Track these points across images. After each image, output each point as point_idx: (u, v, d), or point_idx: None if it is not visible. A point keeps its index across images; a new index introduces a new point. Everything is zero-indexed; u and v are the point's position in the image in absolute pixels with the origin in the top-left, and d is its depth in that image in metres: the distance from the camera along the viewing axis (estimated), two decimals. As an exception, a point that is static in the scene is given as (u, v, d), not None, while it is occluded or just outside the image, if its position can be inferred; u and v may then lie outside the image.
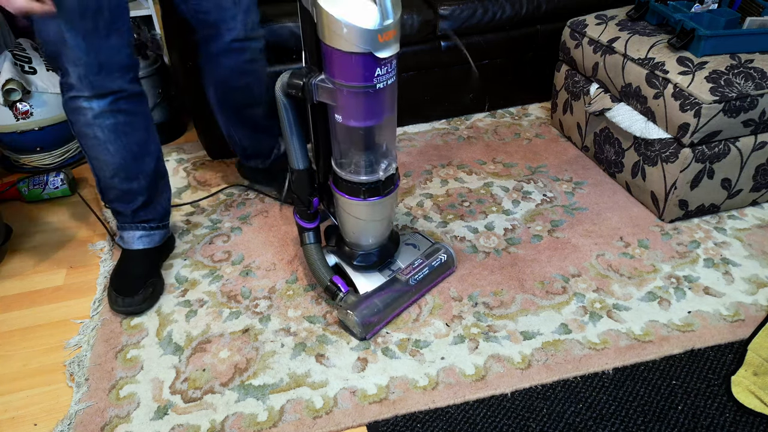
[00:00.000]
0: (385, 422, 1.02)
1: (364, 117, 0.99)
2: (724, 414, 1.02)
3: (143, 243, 1.30)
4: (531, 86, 1.98)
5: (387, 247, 1.25)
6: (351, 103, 0.97)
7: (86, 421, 1.03)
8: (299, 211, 1.22)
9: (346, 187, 1.10)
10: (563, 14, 1.77)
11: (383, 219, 1.16)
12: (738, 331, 1.17)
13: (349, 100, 0.97)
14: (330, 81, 0.96)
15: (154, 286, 1.28)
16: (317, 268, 1.22)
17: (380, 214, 1.14)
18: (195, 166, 1.74)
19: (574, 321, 1.20)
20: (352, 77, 0.93)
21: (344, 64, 0.92)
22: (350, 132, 1.03)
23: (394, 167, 1.10)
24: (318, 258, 1.23)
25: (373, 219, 1.15)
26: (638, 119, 1.45)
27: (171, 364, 1.13)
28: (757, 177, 1.44)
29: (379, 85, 0.95)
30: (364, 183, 1.09)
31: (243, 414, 1.04)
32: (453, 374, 1.10)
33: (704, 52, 1.36)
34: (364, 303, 1.16)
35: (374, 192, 1.10)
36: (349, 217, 1.15)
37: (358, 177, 1.08)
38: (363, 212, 1.13)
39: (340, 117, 1.00)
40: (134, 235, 1.29)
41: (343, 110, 0.99)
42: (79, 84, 1.09)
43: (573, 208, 1.52)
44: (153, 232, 1.31)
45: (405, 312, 1.23)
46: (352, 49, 0.89)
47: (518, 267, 1.34)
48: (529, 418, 1.02)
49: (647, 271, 1.32)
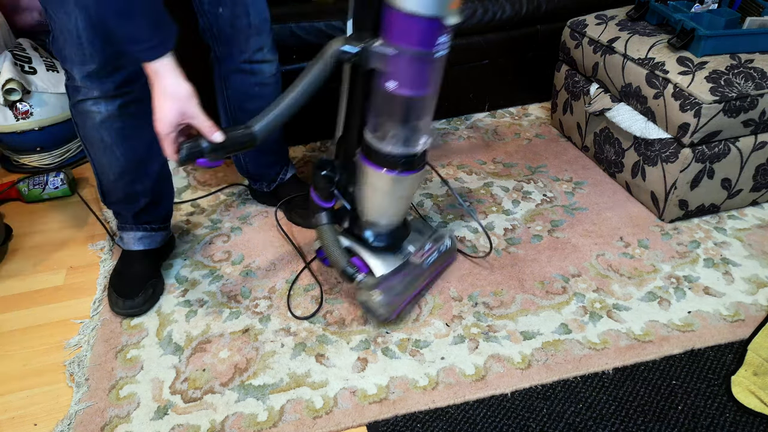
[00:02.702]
0: (385, 422, 1.02)
1: (418, 85, 0.99)
2: (724, 414, 1.02)
3: (144, 244, 1.30)
4: (531, 86, 1.98)
5: (401, 230, 1.24)
6: (407, 71, 0.97)
7: (86, 421, 1.03)
8: (319, 188, 1.18)
9: (382, 160, 1.08)
10: (563, 14, 1.77)
11: (409, 196, 1.16)
12: (738, 331, 1.17)
13: (406, 66, 0.97)
14: (390, 46, 0.96)
15: (154, 287, 1.28)
16: (334, 249, 1.18)
17: (409, 190, 1.14)
18: (195, 166, 1.74)
19: (574, 321, 1.20)
20: (416, 41, 0.94)
21: (410, 27, 0.92)
22: (398, 102, 1.02)
23: (430, 142, 1.11)
24: (335, 239, 1.19)
25: (401, 195, 1.14)
26: (638, 119, 1.45)
27: (171, 364, 1.13)
28: (757, 177, 1.44)
29: (438, 53, 0.96)
30: (402, 156, 1.07)
31: (243, 414, 1.04)
32: (453, 374, 1.10)
33: (704, 52, 1.36)
34: (385, 283, 1.14)
35: (410, 165, 1.09)
36: (377, 193, 1.13)
37: (397, 149, 1.06)
38: (394, 186, 1.11)
39: (393, 84, 0.98)
40: (135, 236, 1.29)
41: (398, 77, 0.98)
42: (89, 85, 1.08)
43: (573, 208, 1.52)
44: (154, 234, 1.31)
45: (405, 312, 1.23)
46: (423, 12, 0.90)
47: (518, 267, 1.34)
48: (529, 418, 1.02)
49: (647, 271, 1.32)
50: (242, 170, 1.51)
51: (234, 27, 1.20)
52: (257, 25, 1.22)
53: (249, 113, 1.25)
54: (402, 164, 1.08)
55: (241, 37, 1.22)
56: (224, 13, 1.18)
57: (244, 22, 1.20)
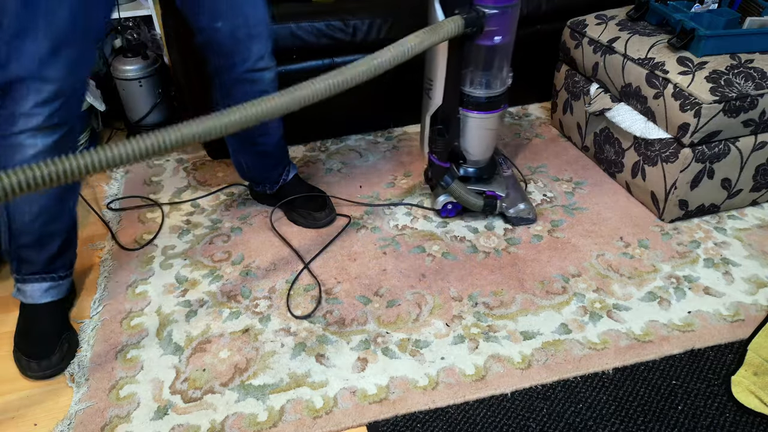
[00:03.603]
0: (385, 422, 1.02)
1: (511, 32, 1.26)
2: (724, 414, 1.02)
3: (51, 295, 1.16)
4: (531, 86, 1.98)
5: (493, 160, 1.49)
6: (508, 21, 1.23)
7: (86, 421, 1.03)
8: (438, 151, 1.38)
9: (485, 105, 1.33)
10: (563, 14, 1.77)
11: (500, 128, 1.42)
12: (738, 331, 1.17)
13: (508, 18, 1.23)
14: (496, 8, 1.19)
15: (69, 341, 1.16)
16: (470, 196, 1.41)
17: (503, 121, 1.41)
18: (195, 166, 1.74)
19: (574, 321, 1.20)
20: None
21: None
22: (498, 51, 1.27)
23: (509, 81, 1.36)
24: (465, 189, 1.41)
25: (500, 126, 1.41)
26: (638, 119, 1.45)
27: (171, 364, 1.13)
28: (757, 177, 1.44)
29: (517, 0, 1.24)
30: (501, 93, 1.33)
31: (243, 414, 1.04)
32: (453, 374, 1.10)
33: (704, 52, 1.36)
34: (517, 194, 1.46)
35: (505, 99, 1.36)
36: (487, 132, 1.37)
37: (497, 90, 1.32)
38: (497, 122, 1.37)
39: (500, 37, 1.24)
40: (40, 287, 1.15)
41: (501, 31, 1.23)
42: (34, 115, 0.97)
43: (573, 208, 1.52)
44: (61, 282, 1.18)
45: (405, 312, 1.23)
46: None
47: (518, 267, 1.34)
48: (529, 418, 1.02)
49: (647, 271, 1.32)
50: (244, 174, 1.49)
51: (235, 38, 1.17)
52: (258, 32, 1.19)
53: None
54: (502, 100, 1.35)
55: (242, 47, 1.19)
56: (223, 27, 1.16)
57: (244, 32, 1.17)
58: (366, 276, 1.33)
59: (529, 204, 1.45)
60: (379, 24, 1.67)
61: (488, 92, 1.31)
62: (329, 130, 1.84)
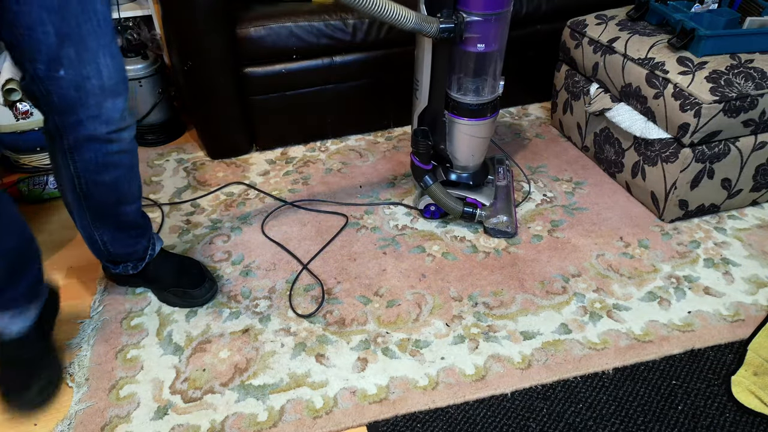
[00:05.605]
0: (385, 422, 1.02)
1: (498, 41, 1.24)
2: (724, 414, 1.02)
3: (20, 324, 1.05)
4: (531, 86, 1.98)
5: (484, 166, 1.48)
6: (492, 30, 1.21)
7: (86, 421, 1.03)
8: (420, 154, 1.34)
9: (471, 112, 1.30)
10: (563, 14, 1.77)
11: (490, 135, 1.39)
12: (738, 331, 1.17)
13: (491, 27, 1.20)
14: (478, 15, 1.17)
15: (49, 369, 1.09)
16: (449, 200, 1.39)
17: (492, 129, 1.37)
18: (195, 166, 1.74)
19: (574, 321, 1.20)
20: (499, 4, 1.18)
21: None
22: (486, 58, 1.25)
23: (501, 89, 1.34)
24: (445, 192, 1.39)
25: (488, 135, 1.37)
26: (638, 119, 1.45)
27: (171, 364, 1.13)
28: (757, 177, 1.44)
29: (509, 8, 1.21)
30: (489, 102, 1.30)
31: (243, 414, 1.04)
32: (453, 374, 1.10)
33: (704, 52, 1.36)
34: (497, 207, 1.41)
35: (494, 108, 1.33)
36: (473, 140, 1.35)
37: (484, 98, 1.30)
38: (484, 130, 1.35)
39: (483, 45, 1.21)
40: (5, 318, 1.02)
41: (484, 39, 1.21)
42: None
43: (573, 208, 1.52)
44: (28, 306, 1.05)
45: (405, 312, 1.23)
46: None
47: (518, 267, 1.34)
48: (529, 418, 1.02)
49: (647, 271, 1.32)
50: (101, 253, 1.19)
51: (81, 90, 0.94)
52: (112, 86, 0.96)
53: (104, 186, 1.05)
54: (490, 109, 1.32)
55: (91, 102, 0.95)
56: (67, 76, 0.92)
57: (95, 84, 0.94)
58: (366, 276, 1.33)
59: (511, 217, 1.40)
60: (379, 24, 1.67)
61: (476, 99, 1.29)
62: (329, 130, 1.84)
